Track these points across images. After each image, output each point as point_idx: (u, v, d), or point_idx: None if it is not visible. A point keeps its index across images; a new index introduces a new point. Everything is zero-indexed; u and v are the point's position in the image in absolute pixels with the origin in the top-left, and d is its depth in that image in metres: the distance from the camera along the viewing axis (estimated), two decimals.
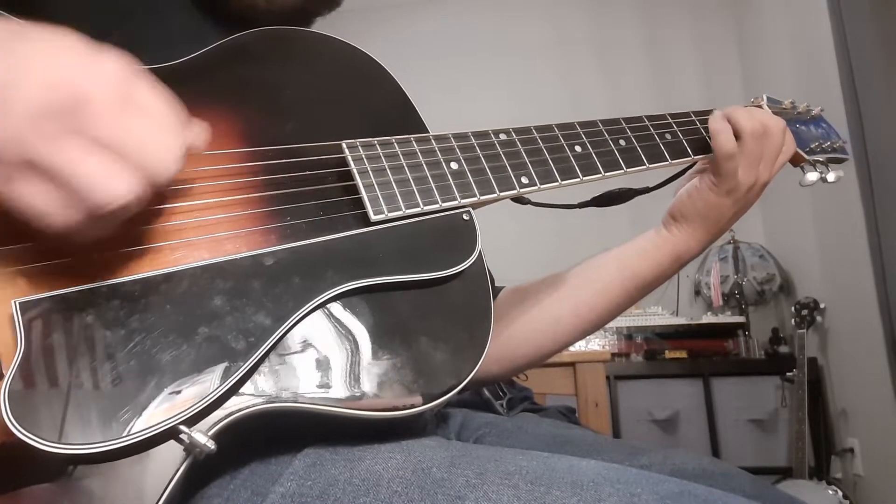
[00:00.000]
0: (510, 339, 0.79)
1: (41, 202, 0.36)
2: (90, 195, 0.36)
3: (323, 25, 0.77)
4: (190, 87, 0.54)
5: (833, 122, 0.91)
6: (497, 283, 0.86)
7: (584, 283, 0.80)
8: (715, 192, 0.75)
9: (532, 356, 0.82)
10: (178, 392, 0.42)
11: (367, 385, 0.49)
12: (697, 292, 3.14)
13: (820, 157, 0.84)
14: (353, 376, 0.48)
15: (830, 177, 0.82)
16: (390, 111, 0.64)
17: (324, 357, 0.48)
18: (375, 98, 0.64)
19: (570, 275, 0.81)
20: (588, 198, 0.79)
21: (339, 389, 0.48)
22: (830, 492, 2.38)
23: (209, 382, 0.43)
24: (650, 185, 0.80)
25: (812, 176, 0.82)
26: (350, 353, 0.49)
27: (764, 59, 3.03)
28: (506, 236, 1.55)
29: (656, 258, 0.78)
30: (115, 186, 0.37)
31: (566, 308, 0.80)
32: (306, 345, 0.48)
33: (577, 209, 0.80)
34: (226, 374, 0.43)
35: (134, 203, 0.38)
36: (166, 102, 0.41)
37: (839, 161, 0.87)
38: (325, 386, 0.47)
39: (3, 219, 0.38)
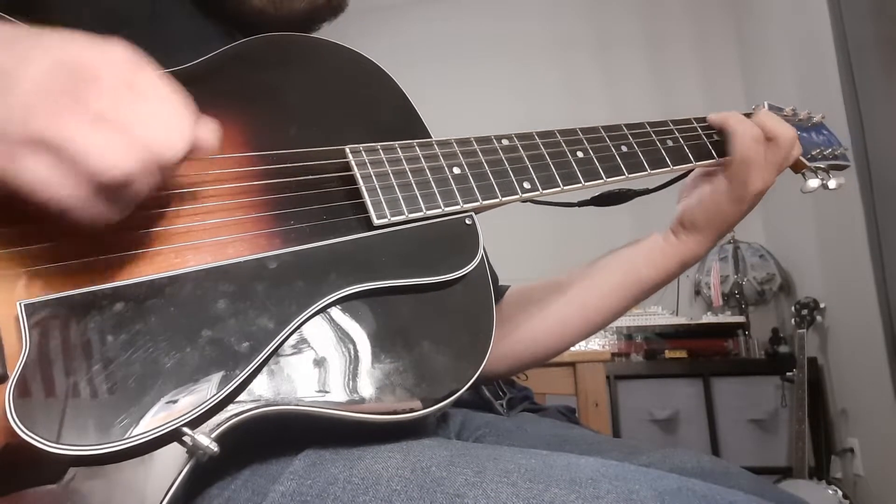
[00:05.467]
0: (517, 340, 0.81)
1: (42, 175, 0.36)
2: (88, 162, 0.36)
3: (325, 26, 0.77)
4: (195, 91, 0.54)
5: (833, 121, 0.92)
6: (500, 282, 0.86)
7: (590, 287, 0.81)
8: (728, 200, 0.75)
9: (538, 356, 0.83)
10: (182, 394, 0.42)
11: (370, 389, 0.49)
12: (697, 292, 3.14)
13: (821, 164, 0.85)
14: (356, 380, 0.49)
15: (832, 184, 0.83)
16: (393, 116, 0.64)
17: (326, 360, 0.48)
18: (379, 103, 0.64)
19: (576, 278, 0.82)
20: (588, 197, 0.80)
21: (341, 393, 0.48)
22: (830, 492, 2.38)
23: (212, 385, 0.43)
24: (650, 187, 0.81)
25: (813, 183, 0.83)
26: (352, 357, 0.49)
27: (764, 59, 3.03)
28: (506, 234, 1.55)
29: (663, 264, 0.79)
30: (113, 155, 0.37)
31: (573, 312, 0.81)
32: (309, 348, 0.48)
33: (577, 208, 0.81)
34: (229, 377, 0.44)
35: (137, 178, 0.38)
36: (174, 91, 0.41)
37: (840, 168, 0.88)
38: (327, 389, 0.48)
39: (10, 220, 0.38)
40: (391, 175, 0.57)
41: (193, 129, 0.41)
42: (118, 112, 0.37)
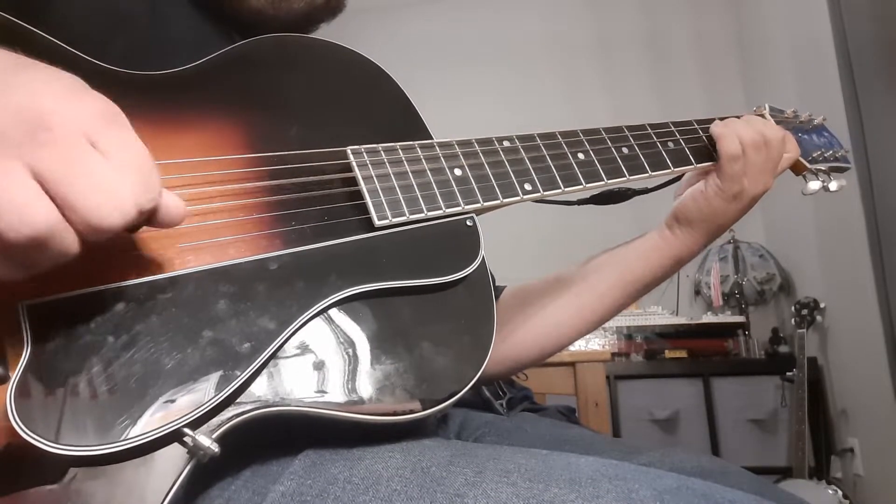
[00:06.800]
0: (514, 342, 0.81)
1: None
2: None
3: (323, 27, 0.77)
4: (195, 93, 0.54)
5: (833, 122, 0.92)
6: (498, 282, 0.86)
7: (586, 287, 0.81)
8: (721, 197, 0.76)
9: (535, 357, 0.83)
10: (183, 395, 0.42)
11: (370, 390, 0.49)
12: (697, 292, 3.14)
13: (822, 166, 0.85)
14: (356, 381, 0.49)
15: (832, 185, 0.84)
16: (394, 117, 0.64)
17: (327, 361, 0.48)
18: (380, 104, 0.64)
19: (572, 278, 0.82)
20: (588, 196, 0.80)
21: (342, 394, 0.48)
22: (830, 491, 2.38)
23: (213, 386, 0.43)
24: (649, 186, 0.81)
25: (814, 185, 0.84)
26: (353, 358, 0.49)
27: (764, 59, 3.03)
28: (506, 233, 1.55)
29: (658, 261, 0.79)
30: (27, 213, 0.33)
31: (569, 312, 0.81)
32: (310, 349, 0.48)
33: (577, 206, 0.81)
34: (229, 378, 0.44)
35: (47, 241, 0.34)
36: (140, 157, 0.38)
37: (841, 170, 0.88)
38: (328, 390, 0.48)
39: None
40: (392, 176, 0.57)
41: (145, 200, 0.38)
42: (56, 168, 0.34)
